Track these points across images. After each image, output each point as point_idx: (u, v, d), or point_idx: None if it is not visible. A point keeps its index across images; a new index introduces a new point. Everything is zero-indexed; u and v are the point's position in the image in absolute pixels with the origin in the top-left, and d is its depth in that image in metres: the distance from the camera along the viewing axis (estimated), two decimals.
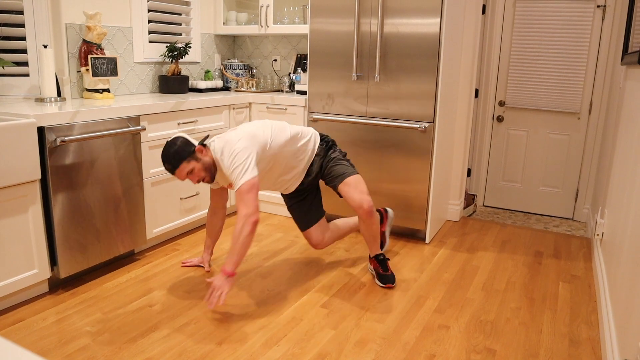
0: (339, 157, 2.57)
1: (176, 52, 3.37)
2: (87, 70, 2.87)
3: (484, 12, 3.83)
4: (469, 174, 4.16)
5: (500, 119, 4.01)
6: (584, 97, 3.69)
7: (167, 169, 2.25)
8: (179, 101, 2.94)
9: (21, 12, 2.66)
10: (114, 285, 2.51)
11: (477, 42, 3.45)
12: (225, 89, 3.89)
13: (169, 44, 3.45)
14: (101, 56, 2.89)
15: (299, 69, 3.71)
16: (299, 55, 3.84)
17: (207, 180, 2.31)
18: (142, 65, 3.36)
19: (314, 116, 3.32)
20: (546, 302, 2.46)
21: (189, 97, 3.18)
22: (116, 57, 2.97)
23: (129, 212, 2.69)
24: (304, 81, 3.56)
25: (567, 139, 3.81)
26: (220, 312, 2.28)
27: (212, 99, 3.20)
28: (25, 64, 2.74)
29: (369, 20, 3.05)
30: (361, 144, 3.22)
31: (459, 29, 3.27)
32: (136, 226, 2.75)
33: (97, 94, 2.91)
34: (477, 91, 3.98)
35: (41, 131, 2.21)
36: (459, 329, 2.20)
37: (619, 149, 2.58)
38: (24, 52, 2.72)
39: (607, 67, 3.57)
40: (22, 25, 2.68)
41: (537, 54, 3.76)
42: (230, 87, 3.98)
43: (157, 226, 2.93)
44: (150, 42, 3.39)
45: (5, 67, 2.64)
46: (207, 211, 2.68)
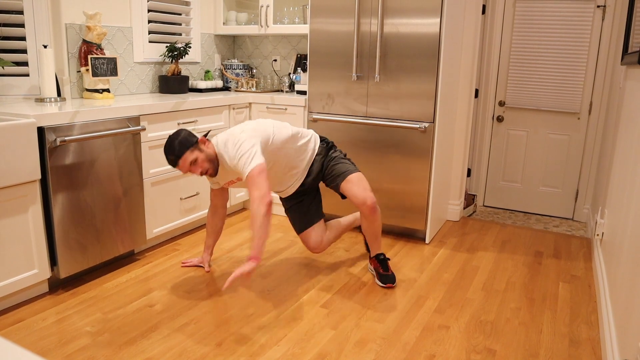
0: (340, 156, 2.58)
1: (176, 52, 3.37)
2: (87, 70, 2.87)
3: (484, 12, 3.83)
4: (469, 174, 4.16)
5: (500, 119, 4.01)
6: (584, 97, 3.69)
7: (170, 160, 2.24)
8: (179, 101, 2.94)
9: (21, 12, 2.66)
10: (114, 285, 2.51)
11: (477, 42, 3.45)
12: (225, 89, 3.89)
13: (169, 44, 3.45)
14: (101, 56, 2.89)
15: (299, 69, 3.71)
16: (299, 55, 3.84)
17: (211, 172, 2.30)
18: (142, 65, 3.36)
19: (314, 116, 3.32)
20: (546, 302, 2.46)
21: (189, 97, 3.18)
22: (116, 57, 2.97)
23: (129, 212, 2.69)
24: (304, 81, 3.56)
25: (567, 139, 3.81)
26: (220, 312, 2.28)
27: (212, 99, 3.20)
28: (25, 64, 2.74)
29: (369, 20, 3.06)
30: (361, 144, 3.22)
31: (459, 29, 3.27)
32: (136, 226, 2.75)
33: (97, 94, 2.91)
34: (477, 91, 3.98)
35: (41, 131, 2.21)
36: (459, 329, 2.20)
37: (619, 149, 2.58)
38: (24, 52, 2.72)
39: (607, 67, 3.57)
40: (22, 25, 2.68)
41: (537, 54, 3.76)
42: (230, 87, 3.98)
43: (157, 226, 2.93)
44: (150, 42, 3.39)
45: (5, 67, 2.64)
46: (208, 211, 2.68)
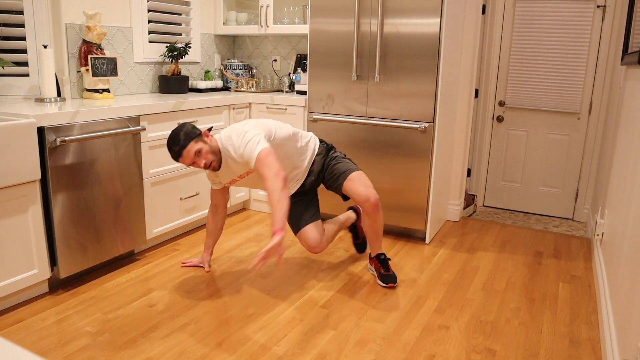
0: (340, 156, 2.59)
1: (176, 52, 3.37)
2: (87, 70, 2.87)
3: (484, 12, 3.83)
4: (469, 174, 4.16)
5: (500, 119, 4.01)
6: (583, 97, 3.69)
7: (174, 151, 2.23)
8: (179, 101, 2.94)
9: (21, 12, 2.66)
10: (114, 285, 2.51)
11: (477, 42, 3.45)
12: (225, 89, 3.89)
13: (168, 44, 3.45)
14: (101, 56, 2.89)
15: (299, 69, 3.71)
16: (298, 55, 3.84)
17: (214, 165, 2.30)
18: (142, 65, 3.36)
19: (314, 116, 3.32)
20: (546, 303, 2.46)
21: (189, 97, 3.18)
22: (116, 57, 2.97)
23: (129, 212, 2.69)
24: (303, 81, 3.56)
25: (567, 139, 3.81)
26: (220, 312, 2.28)
27: (212, 99, 3.20)
28: (25, 64, 2.74)
29: (369, 20, 3.05)
30: (361, 144, 3.22)
31: (459, 29, 3.27)
32: (136, 226, 2.75)
33: (97, 94, 2.91)
34: (477, 91, 3.98)
35: (41, 131, 2.21)
36: (459, 329, 2.20)
37: (619, 149, 2.58)
38: (24, 52, 2.72)
39: (607, 67, 3.57)
40: (22, 25, 2.68)
41: (537, 54, 3.76)
42: (230, 87, 3.98)
43: (157, 226, 2.93)
44: (150, 42, 3.39)
45: (5, 67, 2.64)
46: (208, 211, 2.68)
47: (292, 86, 3.85)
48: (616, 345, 1.81)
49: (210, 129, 2.35)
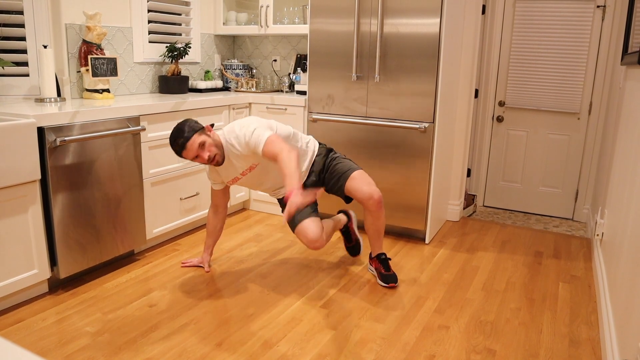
0: (340, 156, 2.59)
1: (176, 52, 3.37)
2: (87, 70, 2.87)
3: (483, 12, 3.83)
4: (469, 174, 4.16)
5: (500, 119, 4.01)
6: (583, 97, 3.69)
7: (178, 144, 2.23)
8: (178, 101, 2.94)
9: (21, 13, 2.66)
10: (113, 285, 2.51)
11: (477, 42, 3.45)
12: (225, 89, 3.89)
13: (168, 44, 3.45)
14: (101, 56, 2.89)
15: (299, 69, 3.71)
16: (298, 55, 3.84)
17: (218, 158, 2.31)
18: (142, 65, 3.36)
19: (314, 116, 3.32)
20: (546, 303, 2.46)
21: (189, 97, 3.18)
22: (116, 57, 2.97)
23: (129, 212, 2.69)
24: (303, 81, 3.56)
25: (567, 139, 3.81)
26: (220, 312, 2.28)
27: (212, 99, 3.20)
28: (25, 64, 2.74)
29: (369, 20, 3.05)
30: (361, 144, 3.22)
31: (458, 29, 3.27)
32: (136, 226, 2.75)
33: (97, 94, 2.91)
34: (477, 91, 3.98)
35: (41, 131, 2.21)
36: (458, 329, 2.20)
37: (618, 149, 2.58)
38: (24, 52, 2.72)
39: (607, 67, 3.57)
40: (22, 25, 2.68)
41: (537, 54, 3.76)
42: (230, 88, 3.98)
43: (157, 226, 2.93)
44: (150, 42, 3.39)
45: (5, 68, 2.64)
46: (208, 211, 2.68)
47: (292, 86, 3.85)
48: (616, 345, 1.81)
49: (212, 125, 2.36)
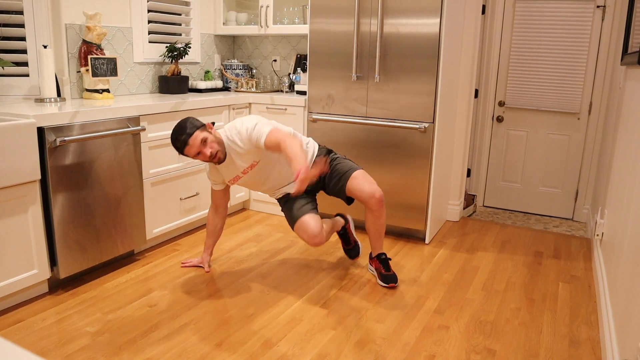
0: (341, 157, 2.60)
1: (176, 53, 3.37)
2: (87, 70, 2.87)
3: (483, 12, 3.83)
4: (469, 174, 4.16)
5: (500, 119, 4.01)
6: (583, 97, 3.69)
7: (180, 141, 2.24)
8: (178, 101, 2.94)
9: (21, 13, 2.66)
10: (113, 285, 2.51)
11: (477, 42, 3.45)
12: (225, 89, 3.89)
13: (168, 44, 3.45)
14: (101, 56, 2.89)
15: (299, 69, 3.71)
16: (298, 55, 3.84)
17: (220, 155, 2.32)
18: (141, 65, 3.36)
19: (314, 116, 3.32)
20: (546, 303, 2.46)
21: (189, 97, 3.18)
22: (116, 58, 2.97)
23: (128, 212, 2.69)
24: (303, 81, 3.56)
25: (567, 139, 3.81)
26: (220, 312, 2.28)
27: (212, 99, 3.20)
28: (25, 64, 2.74)
29: (369, 20, 3.06)
30: (361, 144, 3.22)
31: (458, 29, 3.27)
32: (136, 226, 2.75)
33: (97, 94, 2.91)
34: (476, 91, 3.98)
35: (41, 131, 2.21)
36: (458, 329, 2.20)
37: (618, 149, 2.58)
38: (24, 52, 2.72)
39: (607, 67, 3.57)
40: (22, 25, 2.68)
41: (537, 54, 3.76)
42: (230, 88, 3.98)
43: (156, 226, 2.93)
44: (150, 42, 3.39)
45: (5, 68, 2.64)
46: (208, 211, 2.68)
47: (292, 86, 3.85)
48: (616, 345, 1.81)
49: (213, 123, 2.37)
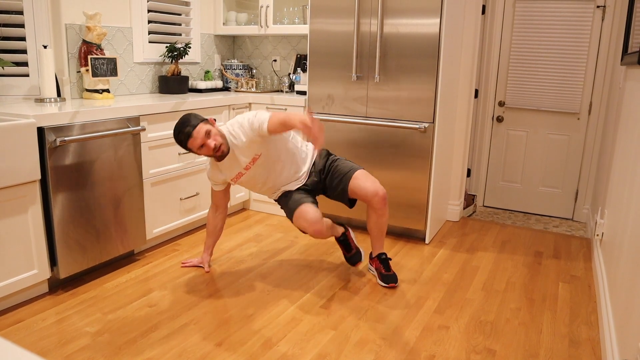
0: (341, 158, 2.61)
1: (176, 53, 3.37)
2: (87, 70, 2.87)
3: (483, 12, 3.83)
4: (469, 174, 4.16)
5: (500, 119, 4.01)
6: (583, 97, 3.69)
7: (185, 133, 2.25)
8: (178, 101, 2.94)
9: (21, 13, 2.66)
10: (113, 285, 2.51)
11: (477, 42, 3.45)
12: (225, 89, 3.89)
13: (168, 44, 3.45)
14: (101, 56, 2.89)
15: (299, 69, 3.71)
16: (298, 55, 3.84)
17: (224, 148, 2.32)
18: (141, 65, 3.36)
19: (314, 116, 3.32)
20: (546, 303, 2.46)
21: (189, 97, 3.18)
22: (116, 58, 2.97)
23: (128, 212, 2.69)
24: (303, 81, 3.56)
25: (566, 139, 3.81)
26: (220, 312, 2.28)
27: (212, 99, 3.20)
28: (25, 64, 2.74)
29: (369, 20, 3.06)
30: (361, 144, 3.22)
31: (458, 29, 3.27)
32: (136, 226, 2.75)
33: (97, 94, 2.91)
34: (476, 91, 3.98)
35: (41, 131, 2.21)
36: (458, 329, 2.20)
37: (618, 149, 2.58)
38: (24, 52, 2.72)
39: (607, 67, 3.57)
40: (22, 25, 2.68)
41: (537, 54, 3.76)
42: (230, 88, 3.98)
43: (156, 226, 2.93)
44: (150, 42, 3.39)
45: (5, 68, 2.64)
46: (208, 211, 2.68)
47: (292, 86, 3.85)
48: (616, 345, 1.81)
49: (215, 120, 2.38)
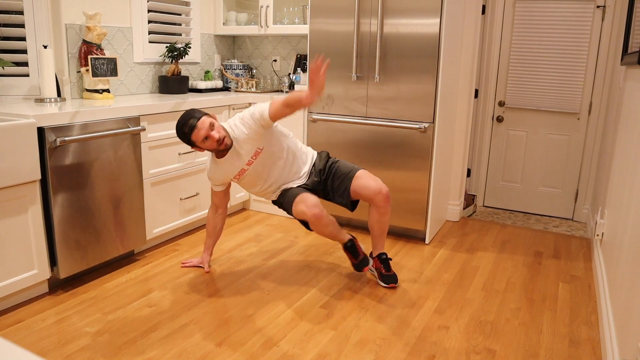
0: (341, 160, 2.62)
1: (176, 53, 3.37)
2: (87, 70, 2.87)
3: (483, 12, 3.83)
4: (469, 174, 4.16)
5: (500, 119, 4.01)
6: (583, 97, 3.69)
7: (189, 126, 2.28)
8: (178, 101, 2.94)
9: (21, 13, 2.66)
10: (113, 285, 2.51)
11: (477, 42, 3.45)
12: (225, 89, 3.89)
13: (168, 44, 3.45)
14: (101, 56, 2.89)
15: (299, 69, 3.71)
16: (298, 55, 3.84)
17: (227, 141, 2.34)
18: (142, 65, 3.36)
19: (314, 116, 3.32)
20: (546, 303, 2.46)
21: (189, 97, 3.18)
22: (116, 58, 2.97)
23: (128, 213, 2.69)
24: (303, 81, 3.56)
25: (566, 139, 3.81)
26: (220, 312, 2.28)
27: (212, 99, 3.20)
28: (25, 64, 2.74)
29: (369, 20, 3.06)
30: (361, 144, 3.22)
31: (458, 29, 3.27)
32: (136, 226, 2.75)
33: (97, 94, 2.91)
34: (476, 91, 3.98)
35: (41, 131, 2.21)
36: (458, 329, 2.20)
37: (618, 149, 2.58)
38: (24, 52, 2.72)
39: (607, 67, 3.57)
40: (22, 25, 2.68)
41: (537, 54, 3.76)
42: (230, 88, 3.98)
43: (156, 226, 2.93)
44: (150, 42, 3.39)
45: (5, 68, 2.64)
46: (208, 211, 2.68)
47: (292, 86, 3.85)
48: (616, 345, 1.81)
49: (215, 116, 2.41)
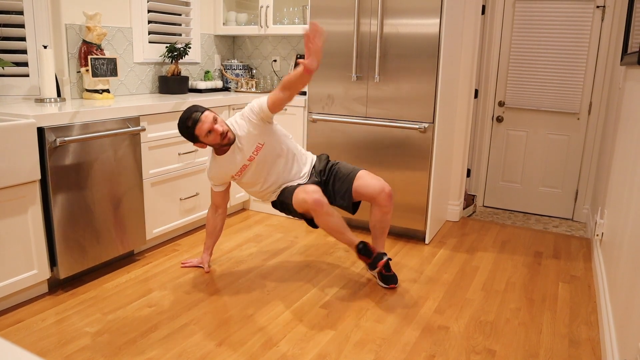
0: (341, 162, 2.63)
1: (176, 53, 3.37)
2: (87, 70, 2.87)
3: (483, 12, 3.83)
4: (469, 175, 4.16)
5: (499, 119, 4.01)
6: (583, 97, 3.70)
7: (192, 118, 2.31)
8: (178, 101, 2.94)
9: (21, 13, 2.66)
10: (113, 285, 2.51)
11: (477, 42, 3.45)
12: (225, 89, 3.89)
13: (168, 45, 3.45)
14: (101, 57, 2.89)
15: None
16: (298, 55, 3.84)
17: (231, 135, 2.36)
18: (141, 65, 3.36)
19: (314, 116, 3.32)
20: (546, 303, 2.46)
21: (189, 97, 3.18)
22: (116, 58, 2.97)
23: (128, 213, 2.69)
24: None
25: (566, 139, 3.82)
26: (220, 312, 2.28)
27: (212, 99, 3.20)
28: (25, 64, 2.74)
29: (369, 20, 3.06)
30: (361, 144, 3.22)
31: (458, 29, 3.27)
32: (136, 226, 2.75)
33: (97, 95, 2.91)
34: (476, 91, 3.98)
35: (41, 131, 2.21)
36: (458, 329, 2.20)
37: (618, 149, 2.58)
38: (24, 52, 2.72)
39: (607, 67, 3.57)
40: (22, 25, 2.68)
41: (536, 54, 3.76)
42: (230, 88, 3.98)
43: (156, 226, 2.93)
44: (150, 42, 3.39)
45: (5, 68, 2.64)
46: (208, 212, 2.68)
47: None
48: (616, 345, 1.82)
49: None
